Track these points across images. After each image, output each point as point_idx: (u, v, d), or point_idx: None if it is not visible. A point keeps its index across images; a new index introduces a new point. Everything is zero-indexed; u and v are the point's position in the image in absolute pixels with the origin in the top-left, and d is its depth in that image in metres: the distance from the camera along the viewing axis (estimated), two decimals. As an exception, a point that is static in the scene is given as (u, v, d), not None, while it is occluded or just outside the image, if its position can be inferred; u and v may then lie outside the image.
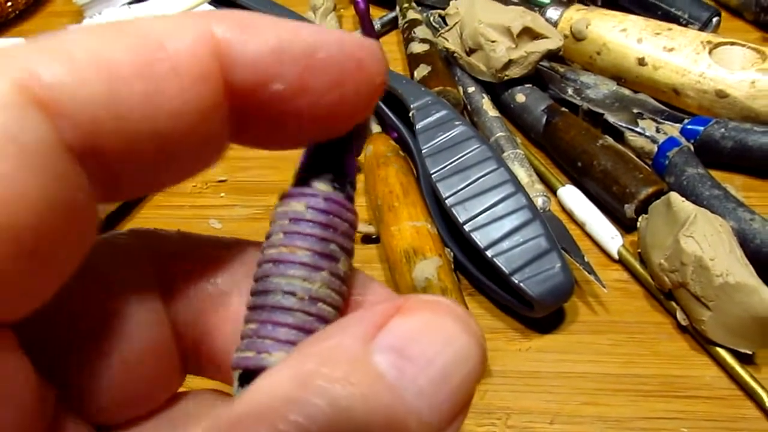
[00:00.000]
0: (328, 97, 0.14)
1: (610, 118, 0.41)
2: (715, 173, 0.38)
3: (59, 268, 0.13)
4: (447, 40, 0.46)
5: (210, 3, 0.48)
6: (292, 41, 0.14)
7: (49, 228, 0.12)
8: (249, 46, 0.13)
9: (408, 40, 0.48)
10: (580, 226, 0.38)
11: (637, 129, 0.40)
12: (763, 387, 0.30)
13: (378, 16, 0.54)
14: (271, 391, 0.12)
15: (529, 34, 0.43)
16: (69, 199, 0.12)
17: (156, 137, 0.13)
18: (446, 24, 0.47)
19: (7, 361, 0.12)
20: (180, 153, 0.14)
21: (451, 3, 0.47)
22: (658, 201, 0.35)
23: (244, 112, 0.14)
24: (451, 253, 0.35)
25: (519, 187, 0.34)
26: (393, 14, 0.54)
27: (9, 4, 0.59)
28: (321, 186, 0.15)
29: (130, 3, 0.54)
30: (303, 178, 0.16)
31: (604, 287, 0.34)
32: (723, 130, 0.39)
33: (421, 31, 0.48)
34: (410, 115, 0.38)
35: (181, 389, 0.17)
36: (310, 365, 0.12)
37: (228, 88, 0.13)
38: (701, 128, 0.39)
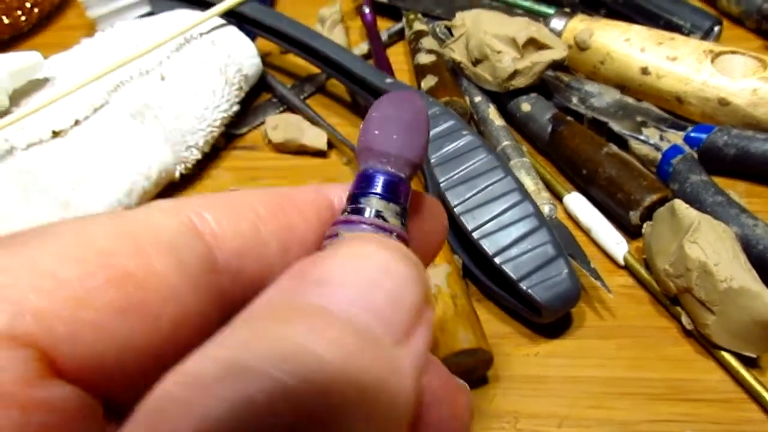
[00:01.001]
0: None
1: (615, 127, 0.42)
2: (718, 180, 0.38)
3: None
4: (453, 51, 0.46)
5: (220, 17, 0.49)
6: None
7: (184, 335, 0.14)
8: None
9: (415, 51, 0.49)
10: (586, 232, 0.39)
11: (641, 137, 0.41)
12: (767, 390, 0.30)
13: (385, 27, 0.55)
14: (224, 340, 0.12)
15: (534, 44, 0.43)
16: (205, 315, 0.15)
17: (288, 263, 0.15)
18: (452, 35, 0.47)
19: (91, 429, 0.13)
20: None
21: (457, 14, 0.47)
22: (662, 208, 0.35)
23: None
24: (460, 261, 0.36)
25: (526, 196, 0.35)
26: (399, 26, 0.54)
27: (23, 17, 0.60)
28: (390, 219, 0.16)
29: (141, 17, 0.55)
30: (358, 205, 0.16)
31: (610, 293, 0.34)
32: (726, 137, 0.40)
33: (427, 42, 0.49)
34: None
35: None
36: (259, 314, 0.13)
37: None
38: (704, 136, 0.40)
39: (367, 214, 0.16)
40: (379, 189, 0.16)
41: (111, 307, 0.13)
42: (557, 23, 0.48)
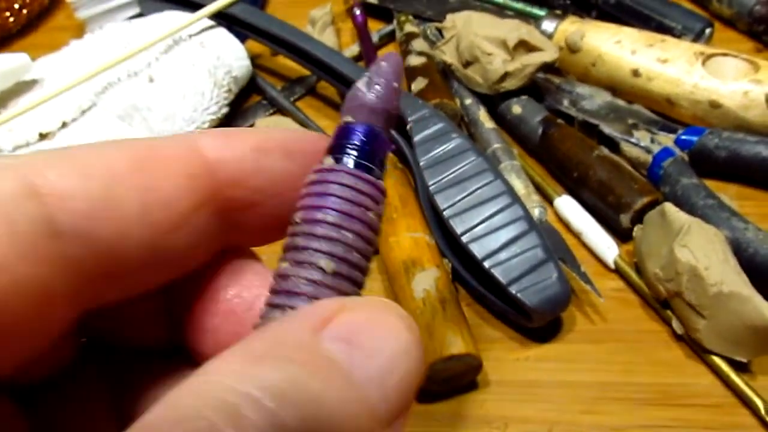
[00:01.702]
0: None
1: (606, 129, 0.42)
2: (709, 182, 0.38)
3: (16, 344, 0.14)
4: (444, 53, 0.46)
5: (209, 18, 0.49)
6: (267, 139, 0.16)
7: (17, 304, 0.13)
8: (231, 147, 0.16)
9: (405, 53, 0.49)
10: (577, 235, 0.38)
11: (632, 139, 0.41)
12: (758, 394, 0.30)
13: (376, 29, 0.54)
14: (219, 368, 0.12)
15: (524, 46, 0.43)
16: (44, 284, 0.14)
17: (149, 227, 0.15)
18: (443, 37, 0.47)
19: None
20: (171, 247, 0.15)
21: (447, 16, 0.47)
22: (653, 211, 0.35)
23: (231, 210, 0.16)
24: (449, 264, 0.36)
25: (515, 199, 0.35)
26: (390, 27, 0.54)
27: (11, 19, 0.60)
28: (348, 162, 0.16)
29: (130, 18, 0.54)
30: (333, 153, 0.17)
31: (601, 297, 0.34)
32: (717, 140, 0.39)
33: (418, 44, 0.49)
34: (408, 127, 0.39)
35: None
36: (260, 347, 0.12)
37: (215, 185, 0.16)
38: (695, 138, 0.40)
39: (345, 162, 0.16)
40: (357, 140, 0.17)
41: None
42: (548, 25, 0.48)
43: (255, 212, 0.17)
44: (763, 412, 0.30)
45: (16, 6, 0.60)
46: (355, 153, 0.17)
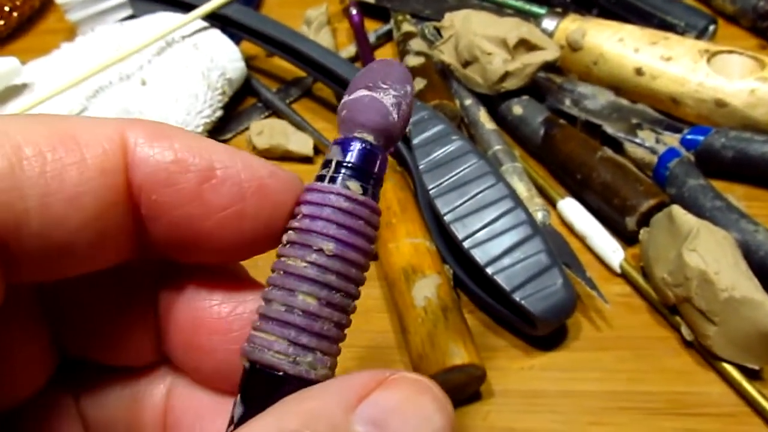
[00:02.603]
0: (225, 213, 0.15)
1: (609, 129, 0.41)
2: (716, 183, 0.37)
3: None
4: (443, 53, 0.45)
5: (203, 20, 0.48)
6: (194, 155, 0.15)
7: None
8: (154, 152, 0.15)
9: (403, 53, 0.48)
10: (581, 239, 0.37)
11: (637, 140, 0.40)
12: (771, 403, 0.29)
13: (373, 28, 0.54)
14: None
15: (525, 45, 0.42)
16: None
17: (50, 217, 0.14)
18: (441, 36, 0.46)
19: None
20: (77, 242, 0.14)
21: (446, 15, 0.46)
22: (660, 214, 0.34)
23: (149, 217, 0.15)
24: (451, 270, 0.35)
25: (518, 202, 0.34)
26: (388, 27, 0.53)
27: (2, 22, 0.59)
28: (349, 185, 0.16)
29: (122, 20, 0.54)
30: (325, 173, 0.16)
31: (607, 302, 0.33)
32: (723, 139, 0.38)
33: (416, 44, 0.48)
34: (407, 129, 0.38)
35: None
36: (293, 425, 0.12)
37: (130, 186, 0.15)
38: (701, 138, 0.39)
39: (338, 182, 0.16)
40: (353, 158, 0.16)
41: None
42: (549, 23, 0.47)
43: (164, 222, 0.16)
44: (776, 421, 0.29)
45: (6, 9, 0.59)
46: (348, 173, 0.16)
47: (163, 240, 0.16)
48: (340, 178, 0.16)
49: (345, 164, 0.16)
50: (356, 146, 0.16)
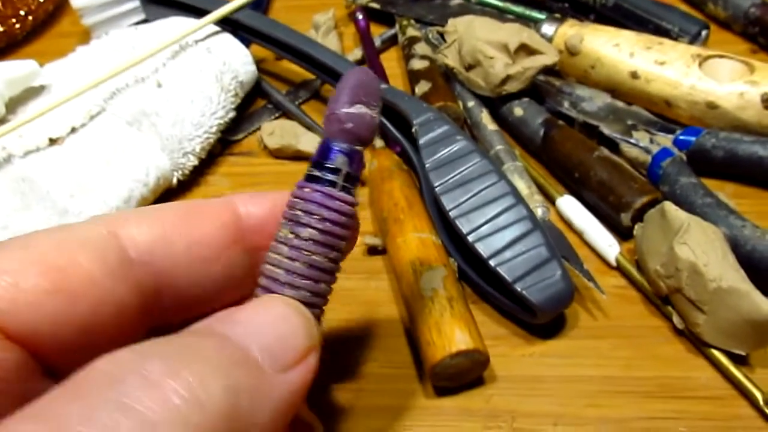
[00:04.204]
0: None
1: (605, 130, 0.43)
2: (707, 181, 0.39)
3: None
4: (446, 57, 0.47)
5: (215, 24, 0.49)
6: (282, 200, 0.24)
7: (104, 312, 0.20)
8: (255, 204, 0.24)
9: (408, 57, 0.50)
10: (579, 234, 0.39)
11: (632, 140, 0.42)
12: (757, 387, 0.31)
13: (378, 33, 0.55)
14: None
15: (525, 50, 0.44)
16: (121, 300, 0.20)
17: (193, 259, 0.21)
18: (445, 41, 0.48)
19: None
20: (212, 276, 0.22)
21: (449, 21, 0.48)
22: (653, 210, 0.36)
23: (256, 251, 0.23)
24: (456, 263, 0.37)
25: (519, 199, 0.36)
26: (393, 31, 0.55)
27: (17, 25, 0.60)
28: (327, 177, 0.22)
29: (136, 24, 0.55)
30: (309, 170, 0.22)
31: (603, 293, 0.35)
32: (714, 140, 0.40)
33: (420, 48, 0.50)
34: (413, 130, 0.40)
35: None
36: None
37: (241, 230, 0.23)
38: (693, 139, 0.41)
39: (316, 181, 0.21)
40: (330, 161, 0.21)
41: (39, 289, 0.18)
42: (548, 28, 0.48)
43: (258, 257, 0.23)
44: (761, 403, 0.31)
45: (22, 12, 0.61)
46: (324, 172, 0.21)
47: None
48: (350, 188, 0.22)
49: (351, 174, 0.21)
50: (357, 156, 0.21)
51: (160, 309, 0.21)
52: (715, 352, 0.32)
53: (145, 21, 0.55)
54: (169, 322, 0.22)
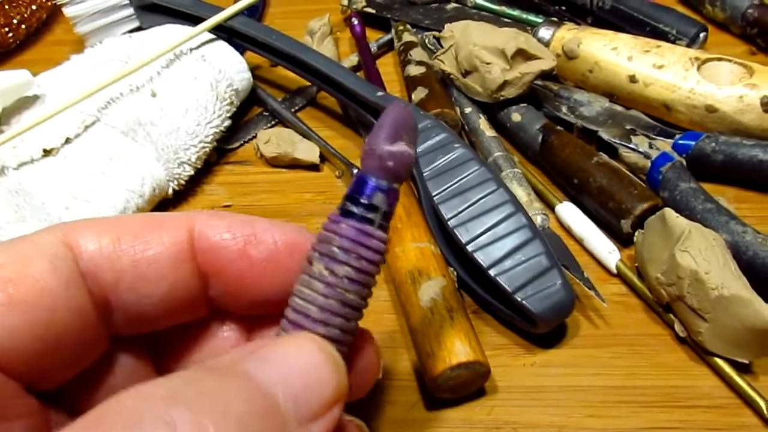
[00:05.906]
0: (264, 264, 0.22)
1: (604, 135, 0.42)
2: (707, 186, 0.39)
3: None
4: (443, 62, 0.47)
5: (209, 32, 0.49)
6: (242, 225, 0.22)
7: (64, 322, 0.19)
8: (214, 228, 0.22)
9: (405, 63, 0.50)
10: (579, 241, 0.39)
11: (631, 145, 0.41)
12: (760, 395, 0.31)
13: (374, 38, 0.55)
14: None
15: (522, 55, 0.44)
16: (79, 307, 0.20)
17: (139, 276, 0.21)
18: (441, 46, 0.48)
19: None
20: (161, 294, 0.21)
21: (445, 26, 0.48)
22: (653, 216, 0.36)
23: (208, 273, 0.22)
24: (455, 273, 0.36)
25: (518, 207, 0.35)
26: (388, 36, 0.55)
27: (10, 34, 0.60)
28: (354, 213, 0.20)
29: (131, 31, 0.55)
30: (345, 205, 0.21)
31: (604, 302, 0.35)
32: (714, 144, 0.40)
33: (417, 54, 0.50)
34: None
35: None
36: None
37: (192, 251, 0.22)
38: (692, 143, 0.41)
39: (353, 217, 0.20)
40: (368, 197, 0.20)
41: None
42: (545, 33, 0.48)
43: (224, 280, 0.22)
44: (765, 411, 0.30)
45: (15, 21, 0.60)
46: (362, 209, 0.20)
47: (221, 293, 0.22)
48: (386, 226, 0.21)
49: (387, 212, 0.21)
50: (394, 194, 0.21)
51: (115, 321, 0.21)
52: (718, 361, 0.32)
53: (139, 29, 0.55)
54: (128, 330, 0.21)
